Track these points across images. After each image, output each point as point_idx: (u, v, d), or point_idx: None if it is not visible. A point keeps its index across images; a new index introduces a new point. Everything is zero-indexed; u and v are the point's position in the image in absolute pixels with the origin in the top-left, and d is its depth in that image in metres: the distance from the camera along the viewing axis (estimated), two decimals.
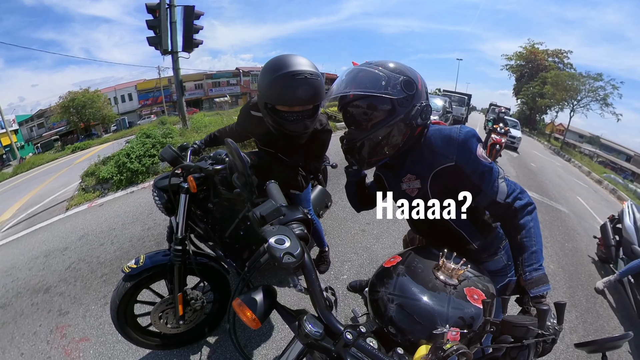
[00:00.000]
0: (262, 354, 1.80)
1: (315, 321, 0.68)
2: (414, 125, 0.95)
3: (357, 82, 0.95)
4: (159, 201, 1.57)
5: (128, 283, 1.47)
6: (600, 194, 10.22)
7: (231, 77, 36.14)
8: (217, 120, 8.16)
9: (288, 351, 0.74)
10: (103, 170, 4.77)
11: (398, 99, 0.91)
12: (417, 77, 0.96)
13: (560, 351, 2.18)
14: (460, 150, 0.92)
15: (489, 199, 0.95)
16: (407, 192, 1.07)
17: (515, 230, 0.94)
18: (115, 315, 1.48)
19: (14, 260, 3.07)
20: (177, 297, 1.53)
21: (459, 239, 1.07)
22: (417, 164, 1.02)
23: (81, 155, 14.19)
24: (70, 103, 25.03)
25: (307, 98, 1.29)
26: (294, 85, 1.24)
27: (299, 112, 1.33)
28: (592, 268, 3.78)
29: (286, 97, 1.28)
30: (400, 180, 1.08)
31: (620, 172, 24.34)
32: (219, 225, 1.64)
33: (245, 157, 0.96)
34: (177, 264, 1.47)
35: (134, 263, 1.47)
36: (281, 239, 0.66)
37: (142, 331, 1.63)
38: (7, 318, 2.23)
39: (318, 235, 2.37)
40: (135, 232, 3.25)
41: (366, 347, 0.64)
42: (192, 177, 1.41)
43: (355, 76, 0.96)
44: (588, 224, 5.61)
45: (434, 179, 0.98)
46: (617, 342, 0.70)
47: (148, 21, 5.94)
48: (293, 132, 1.38)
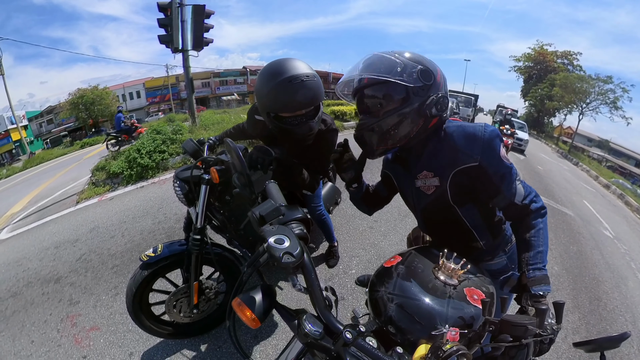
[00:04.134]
0: (261, 354, 1.83)
1: (314, 320, 0.68)
2: (428, 116, 0.92)
3: (372, 67, 0.93)
4: (180, 192, 1.62)
5: (145, 271, 1.52)
6: (607, 198, 10.05)
7: (238, 76, 36.20)
8: (226, 118, 8.22)
9: (287, 350, 0.74)
10: (113, 165, 4.87)
11: (413, 87, 0.89)
12: (436, 69, 0.93)
13: (563, 350, 2.19)
14: (484, 150, 0.90)
15: (507, 200, 0.95)
16: (422, 189, 1.03)
17: (525, 229, 0.95)
18: (131, 303, 1.53)
19: (25, 251, 3.15)
20: (192, 286, 1.58)
21: (468, 237, 1.07)
22: (436, 160, 0.98)
23: (90, 151, 14.36)
24: (79, 100, 25.38)
25: (307, 101, 1.32)
26: (293, 91, 1.25)
27: (301, 115, 1.36)
28: (596, 271, 3.75)
29: (287, 103, 1.29)
30: (415, 177, 1.04)
31: (629, 177, 23.87)
32: (235, 217, 1.68)
33: (243, 158, 0.95)
34: (195, 252, 1.52)
35: (152, 252, 1.53)
36: (281, 239, 0.66)
37: (155, 319, 1.69)
38: (17, 307, 2.29)
39: (328, 230, 2.42)
40: (146, 225, 3.31)
41: (365, 347, 0.63)
42: (215, 169, 1.45)
43: (372, 61, 0.94)
44: (594, 228, 5.55)
45: (455, 177, 0.95)
46: (615, 342, 0.70)
47: (159, 19, 6.03)
48: (299, 136, 1.41)
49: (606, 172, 16.66)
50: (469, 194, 0.98)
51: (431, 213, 1.10)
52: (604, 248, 4.66)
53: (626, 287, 3.59)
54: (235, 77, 36.44)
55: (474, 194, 0.98)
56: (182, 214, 3.41)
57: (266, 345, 1.87)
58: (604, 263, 4.09)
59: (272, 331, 1.96)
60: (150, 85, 33.15)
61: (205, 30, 6.20)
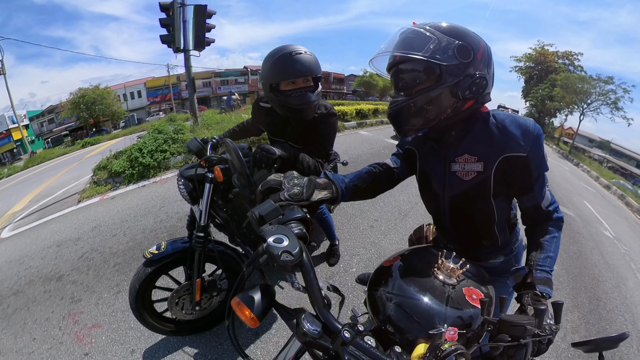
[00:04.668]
0: (263, 350, 1.84)
1: (313, 319, 0.68)
2: (461, 97, 0.86)
3: (404, 43, 0.88)
4: (185, 190, 1.64)
5: (149, 268, 1.54)
6: (608, 199, 10.06)
7: (239, 76, 36.28)
8: (227, 117, 8.24)
9: (286, 349, 0.74)
10: (115, 164, 4.88)
11: (447, 65, 0.83)
12: (478, 45, 0.86)
13: (562, 350, 2.21)
14: (534, 143, 0.88)
15: (535, 201, 0.95)
16: (459, 174, 0.97)
17: (542, 233, 0.95)
18: (134, 300, 1.55)
19: (26, 250, 3.16)
20: (195, 283, 1.59)
21: (488, 232, 1.06)
22: (483, 144, 0.92)
23: (91, 150, 14.41)
24: (81, 99, 25.45)
25: (304, 69, 1.45)
26: (291, 62, 1.43)
27: (301, 88, 1.49)
28: (595, 271, 3.76)
29: (286, 71, 1.45)
30: (452, 160, 0.97)
31: (630, 178, 23.83)
32: (237, 215, 1.70)
33: (242, 158, 0.95)
34: (198, 249, 1.53)
35: (156, 249, 1.54)
36: (280, 238, 0.66)
37: (157, 316, 1.70)
38: (19, 304, 2.31)
39: (329, 229, 2.44)
40: (148, 224, 3.32)
41: (364, 346, 0.63)
42: (219, 167, 1.46)
43: (406, 36, 0.89)
44: (594, 229, 5.56)
45: (500, 164, 0.91)
46: (614, 342, 0.70)
47: (161, 19, 6.05)
48: (298, 106, 1.49)
49: (607, 172, 16.67)
50: (507, 186, 0.96)
51: (462, 202, 1.03)
52: (604, 248, 4.67)
53: (626, 287, 3.61)
54: (237, 77, 36.51)
55: (510, 188, 0.96)
56: (184, 212, 3.42)
57: (267, 342, 1.88)
58: (604, 263, 4.10)
59: (273, 328, 1.97)
60: (151, 85, 33.25)
61: (207, 30, 6.21)
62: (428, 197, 1.14)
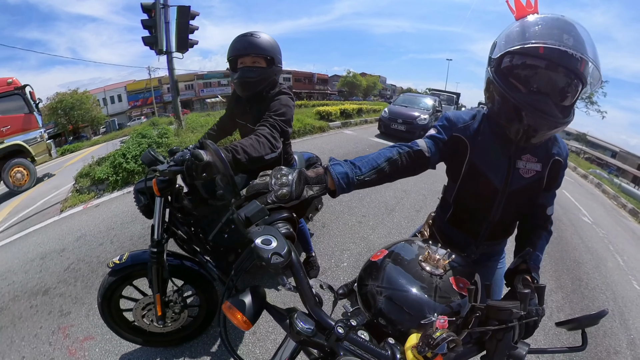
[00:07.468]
0: (259, 351, 1.84)
1: (306, 318, 0.68)
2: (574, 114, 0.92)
3: (580, 42, 0.78)
4: (137, 204, 1.58)
5: (111, 278, 1.55)
6: (585, 187, 10.49)
7: (222, 78, 35.76)
8: (210, 121, 8.13)
9: (281, 350, 0.74)
10: (98, 171, 4.74)
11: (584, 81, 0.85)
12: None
13: (549, 328, 2.31)
14: (567, 156, 1.06)
15: (546, 202, 1.10)
16: (522, 172, 1.03)
17: (538, 236, 1.10)
18: (100, 308, 1.57)
19: (8, 264, 3.03)
20: (155, 298, 1.56)
21: (515, 225, 1.21)
22: (541, 148, 1.03)
23: (71, 158, 13.89)
24: (59, 104, 24.30)
25: (255, 45, 1.65)
26: (245, 39, 1.66)
27: (251, 66, 1.67)
28: (576, 254, 3.96)
29: (236, 47, 1.66)
30: (518, 158, 1.02)
31: (606, 167, 24.88)
32: (202, 229, 1.67)
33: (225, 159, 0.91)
34: (153, 265, 1.48)
35: (118, 259, 1.54)
36: (268, 239, 0.65)
37: (128, 326, 1.69)
38: (4, 322, 2.20)
39: (304, 240, 2.33)
40: (136, 230, 3.25)
41: (358, 340, 0.65)
42: (155, 181, 1.41)
43: (577, 33, 0.78)
44: (573, 215, 5.82)
45: (551, 165, 1.04)
46: (594, 319, 0.73)
47: (143, 21, 5.91)
48: (241, 79, 1.66)
49: (584, 163, 17.33)
50: (546, 184, 1.08)
51: (518, 197, 1.07)
52: (583, 233, 4.90)
53: (605, 268, 3.80)
54: (220, 79, 35.98)
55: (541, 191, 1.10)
56: None
57: (265, 340, 1.90)
58: (584, 246, 4.30)
59: (270, 326, 1.98)
60: (132, 89, 32.37)
61: (190, 32, 6.11)
62: (476, 190, 1.10)
